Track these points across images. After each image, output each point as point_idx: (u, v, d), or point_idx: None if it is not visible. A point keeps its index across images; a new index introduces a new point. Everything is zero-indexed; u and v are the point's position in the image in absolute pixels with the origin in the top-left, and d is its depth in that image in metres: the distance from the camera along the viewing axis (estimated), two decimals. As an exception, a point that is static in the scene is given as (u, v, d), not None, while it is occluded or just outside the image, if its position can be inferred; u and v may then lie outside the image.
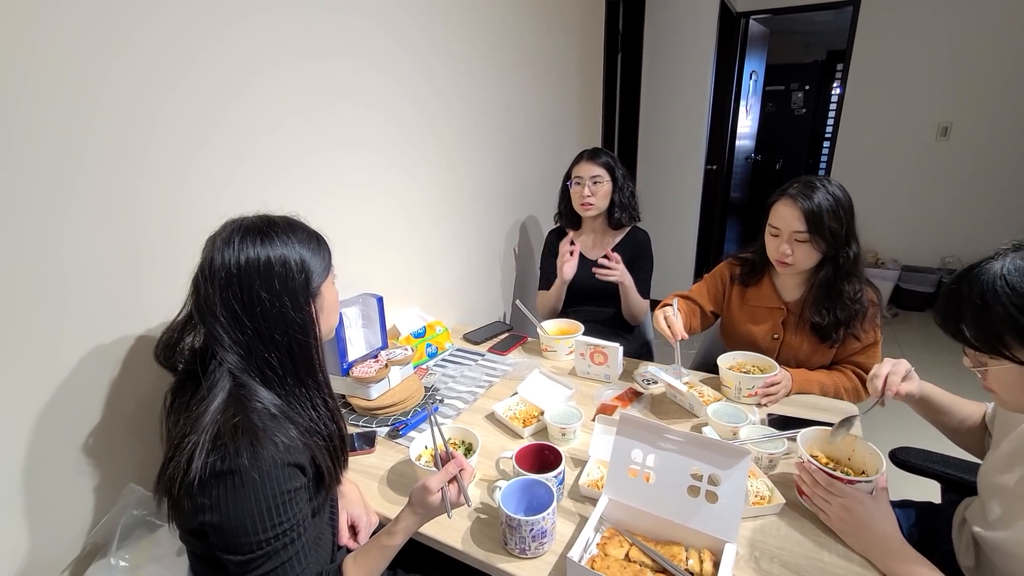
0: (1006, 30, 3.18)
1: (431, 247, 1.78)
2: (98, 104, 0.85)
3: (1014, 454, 0.81)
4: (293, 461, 0.69)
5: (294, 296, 0.73)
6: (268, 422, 0.69)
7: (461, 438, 1.07)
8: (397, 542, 0.79)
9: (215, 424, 0.66)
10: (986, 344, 0.66)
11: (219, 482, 0.64)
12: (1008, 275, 0.63)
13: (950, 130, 3.48)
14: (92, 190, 0.86)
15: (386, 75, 1.45)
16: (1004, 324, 0.63)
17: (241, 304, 0.71)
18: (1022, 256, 0.64)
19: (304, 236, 0.79)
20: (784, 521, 0.90)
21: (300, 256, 0.75)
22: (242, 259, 0.71)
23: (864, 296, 1.25)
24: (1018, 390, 0.68)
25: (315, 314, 0.77)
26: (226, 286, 0.70)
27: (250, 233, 0.73)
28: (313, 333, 0.77)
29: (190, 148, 1.00)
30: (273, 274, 0.72)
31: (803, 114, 5.22)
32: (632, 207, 1.83)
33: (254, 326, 0.71)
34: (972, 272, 0.68)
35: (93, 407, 0.91)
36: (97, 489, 0.92)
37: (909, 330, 3.37)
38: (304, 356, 0.76)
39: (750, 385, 1.23)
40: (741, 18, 3.74)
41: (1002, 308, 0.63)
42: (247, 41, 1.07)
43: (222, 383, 0.70)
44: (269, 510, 0.66)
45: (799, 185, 1.24)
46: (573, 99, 2.64)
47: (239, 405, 0.69)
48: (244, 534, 0.65)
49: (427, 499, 0.78)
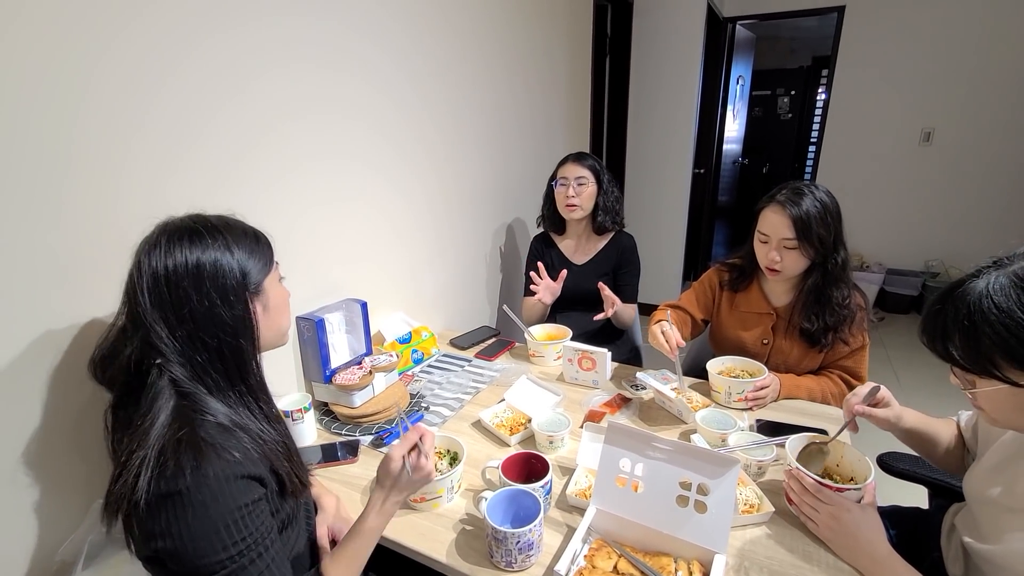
0: (987, 37, 3.24)
1: (417, 251, 1.75)
2: (78, 108, 0.82)
3: (998, 466, 0.81)
4: (247, 473, 0.65)
5: (223, 294, 0.69)
6: (218, 436, 0.65)
7: (446, 447, 1.05)
8: (370, 523, 0.78)
9: (161, 439, 0.63)
10: (976, 365, 0.65)
11: (165, 505, 0.60)
12: (994, 294, 0.62)
13: (933, 135, 3.54)
14: (60, 190, 0.82)
15: (370, 81, 1.42)
16: (993, 345, 0.62)
17: (170, 306, 0.67)
18: (1005, 274, 0.63)
19: (239, 234, 0.74)
20: (773, 530, 0.89)
21: (234, 256, 0.71)
22: (169, 263, 0.67)
23: (852, 301, 1.25)
24: (1009, 409, 0.67)
25: (254, 313, 0.73)
26: (154, 289, 0.67)
27: (178, 234, 0.69)
28: (245, 333, 0.72)
29: (170, 157, 0.97)
30: (203, 276, 0.68)
31: (789, 119, 5.28)
32: (616, 212, 1.82)
33: (184, 330, 0.67)
34: (956, 292, 0.67)
35: (60, 420, 0.87)
36: (63, 506, 0.88)
37: (894, 333, 3.41)
38: (235, 358, 0.71)
39: (739, 390, 1.22)
40: (728, 23, 3.77)
41: (990, 328, 0.61)
42: (227, 51, 1.05)
43: (164, 395, 0.66)
44: (227, 527, 0.62)
45: (787, 191, 1.23)
46: (561, 102, 2.63)
47: (185, 418, 0.65)
48: (202, 555, 0.61)
49: (390, 467, 0.80)
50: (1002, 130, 3.35)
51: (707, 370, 1.28)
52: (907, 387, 2.75)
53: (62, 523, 0.88)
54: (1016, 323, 0.60)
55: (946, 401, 2.53)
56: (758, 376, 1.24)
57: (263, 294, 0.76)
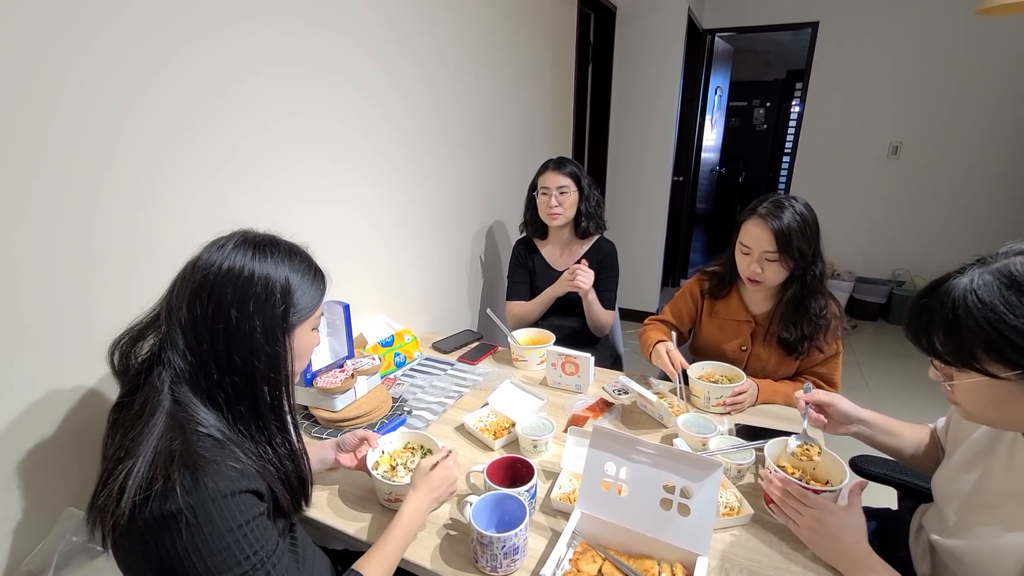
0: (951, 56, 3.39)
1: (400, 253, 1.74)
2: (58, 108, 0.80)
3: (967, 463, 0.84)
4: (247, 488, 0.63)
5: (268, 323, 0.67)
6: (213, 449, 0.63)
7: (419, 443, 1.06)
8: (405, 520, 0.83)
9: (152, 451, 0.60)
10: (958, 358, 0.67)
11: (164, 528, 0.57)
12: (978, 290, 0.64)
13: (900, 149, 3.68)
14: (50, 189, 0.80)
15: (355, 84, 1.42)
16: (976, 338, 0.64)
17: (205, 313, 0.65)
18: (989, 271, 0.65)
19: (301, 264, 0.73)
20: (752, 532, 0.91)
21: (287, 281, 0.70)
22: (225, 265, 0.66)
23: (828, 311, 1.29)
24: (986, 403, 0.69)
25: (289, 348, 0.71)
26: (198, 289, 0.66)
27: (246, 243, 0.69)
28: (283, 367, 0.71)
29: (156, 157, 0.96)
30: (250, 293, 0.66)
31: (764, 129, 5.41)
32: (598, 216, 1.84)
33: (212, 343, 0.65)
34: (940, 287, 0.69)
35: (28, 423, 0.84)
36: (31, 513, 0.85)
37: (862, 339, 3.52)
38: (269, 392, 0.69)
39: (718, 395, 1.25)
40: (707, 35, 3.86)
41: (974, 322, 0.64)
42: (211, 53, 1.03)
43: (159, 399, 0.63)
44: (238, 542, 0.59)
45: (769, 205, 1.26)
46: (545, 107, 2.65)
47: (177, 429, 0.62)
48: (214, 572, 0.58)
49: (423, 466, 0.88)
50: (965, 145, 3.51)
51: (686, 375, 1.30)
52: (876, 392, 2.84)
53: (29, 532, 0.85)
54: (998, 317, 0.62)
55: (914, 405, 2.62)
56: (737, 381, 1.27)
57: (294, 336, 0.73)
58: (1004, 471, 0.77)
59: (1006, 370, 0.63)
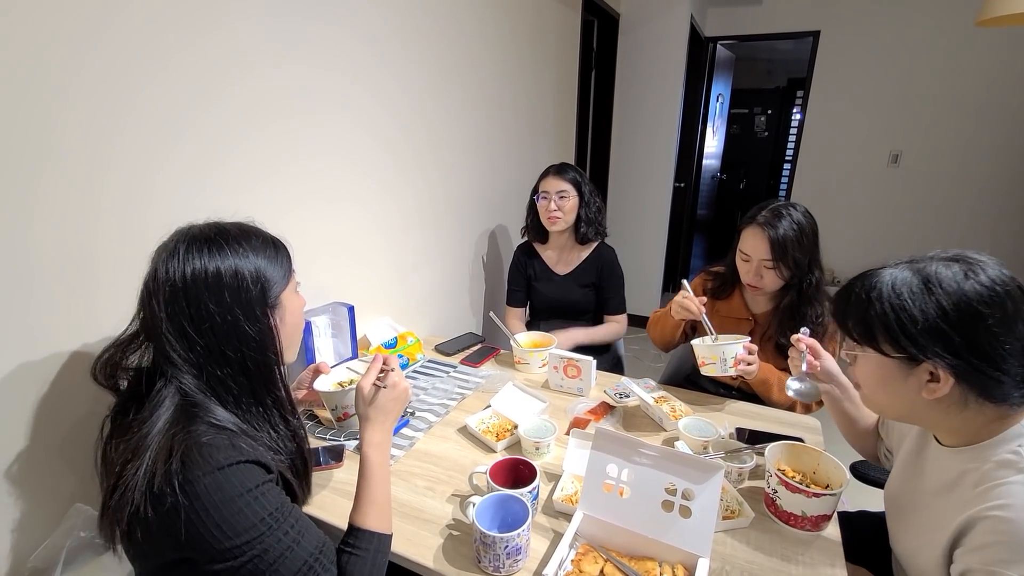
0: (952, 66, 3.41)
1: (404, 255, 1.75)
2: (58, 104, 0.81)
3: (903, 462, 0.88)
4: (248, 459, 0.64)
5: (248, 308, 0.68)
6: (215, 432, 0.64)
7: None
8: (372, 460, 0.80)
9: (156, 443, 0.61)
10: (862, 335, 0.76)
11: (175, 507, 0.59)
12: (895, 281, 0.73)
13: (900, 157, 3.70)
14: (43, 189, 0.81)
15: (361, 82, 1.43)
16: (878, 319, 0.72)
17: (189, 320, 0.65)
18: (912, 269, 0.73)
19: (259, 243, 0.73)
20: (753, 534, 0.91)
21: (255, 266, 0.70)
22: (188, 271, 0.66)
23: (824, 318, 1.31)
24: (875, 383, 0.77)
25: (275, 326, 0.73)
26: (171, 300, 0.65)
27: (197, 243, 0.68)
28: (272, 347, 0.72)
29: (157, 153, 0.96)
30: (223, 286, 0.67)
31: (765, 137, 5.44)
32: (599, 222, 1.85)
33: (204, 343, 0.66)
34: (868, 274, 0.78)
35: (34, 420, 0.85)
36: (36, 509, 0.86)
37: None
38: (261, 373, 0.71)
39: (732, 353, 1.21)
40: (709, 43, 3.89)
41: (881, 305, 0.72)
42: (217, 47, 1.04)
43: (167, 403, 0.65)
44: (249, 505, 0.61)
45: (767, 213, 1.28)
46: (548, 113, 2.67)
47: (182, 420, 0.64)
48: (229, 538, 0.60)
49: (366, 396, 0.84)
50: (965, 154, 3.53)
51: (693, 349, 1.28)
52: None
53: (35, 528, 0.85)
54: (901, 304, 0.70)
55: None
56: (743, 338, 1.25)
57: (281, 306, 0.75)
58: (926, 472, 0.82)
59: (894, 351, 0.72)
